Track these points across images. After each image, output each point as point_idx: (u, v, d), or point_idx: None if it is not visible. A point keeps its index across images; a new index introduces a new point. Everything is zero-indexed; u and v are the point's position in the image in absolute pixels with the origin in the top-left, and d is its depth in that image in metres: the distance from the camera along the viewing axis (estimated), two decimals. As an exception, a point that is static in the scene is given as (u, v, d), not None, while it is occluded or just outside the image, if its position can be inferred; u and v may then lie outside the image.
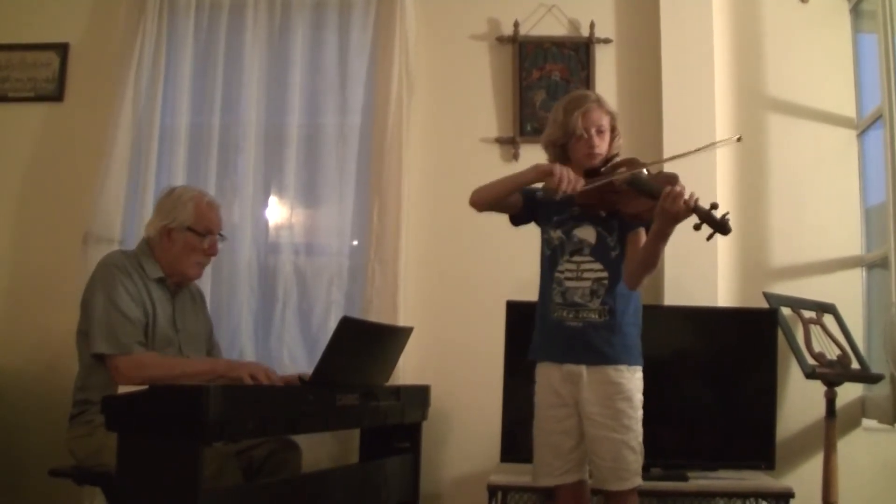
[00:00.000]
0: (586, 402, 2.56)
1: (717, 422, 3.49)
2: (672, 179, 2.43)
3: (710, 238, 2.37)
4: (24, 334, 3.95)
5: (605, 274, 2.61)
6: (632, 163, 2.57)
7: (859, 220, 3.84)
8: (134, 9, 4.02)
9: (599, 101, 2.71)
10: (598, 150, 2.66)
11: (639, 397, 2.58)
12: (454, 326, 3.89)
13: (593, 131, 2.66)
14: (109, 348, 2.79)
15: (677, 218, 2.37)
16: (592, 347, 2.58)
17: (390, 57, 3.95)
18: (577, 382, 2.58)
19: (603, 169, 2.62)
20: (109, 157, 3.88)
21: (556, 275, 2.66)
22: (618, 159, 2.65)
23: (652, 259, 2.50)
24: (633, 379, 2.58)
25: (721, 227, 2.34)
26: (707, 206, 2.35)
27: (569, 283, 2.64)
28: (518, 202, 2.76)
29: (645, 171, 2.55)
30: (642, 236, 2.58)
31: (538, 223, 2.77)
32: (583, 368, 2.57)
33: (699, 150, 2.64)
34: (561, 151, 2.74)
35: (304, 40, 4.07)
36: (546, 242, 2.73)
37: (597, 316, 2.59)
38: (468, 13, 4.12)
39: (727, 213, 2.34)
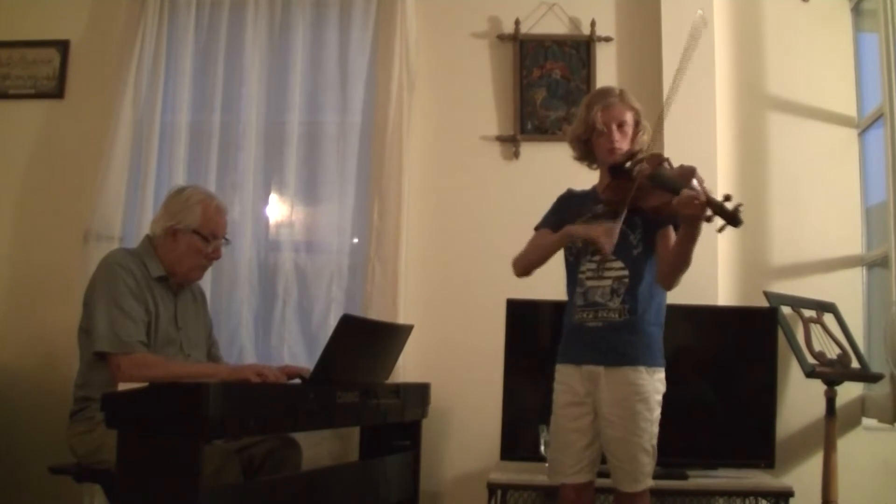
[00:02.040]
0: (603, 402, 2.55)
1: (717, 420, 3.50)
2: (690, 173, 2.42)
3: (721, 230, 2.35)
4: (25, 331, 3.95)
5: (625, 272, 2.59)
6: (654, 158, 2.55)
7: (860, 219, 3.85)
8: (134, 6, 4.02)
9: (622, 96, 2.70)
10: (618, 146, 2.64)
11: (657, 398, 2.55)
12: (454, 324, 3.89)
13: (614, 126, 2.64)
14: (111, 347, 2.79)
15: (696, 217, 2.34)
16: (612, 348, 2.55)
17: (391, 55, 3.95)
18: (595, 382, 2.57)
19: (627, 165, 2.60)
20: (110, 154, 3.88)
21: (579, 276, 2.65)
22: (641, 155, 2.61)
23: (682, 260, 2.47)
24: (651, 380, 2.55)
25: (732, 218, 2.30)
26: (720, 199, 2.32)
27: (589, 283, 2.62)
28: None
29: (667, 164, 2.54)
30: (671, 234, 2.56)
31: None
32: (601, 369, 2.56)
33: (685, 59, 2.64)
34: (585, 147, 2.75)
35: (304, 38, 4.06)
36: (569, 248, 2.71)
37: (617, 315, 2.57)
38: (469, 11, 4.12)
39: (740, 204, 2.30)
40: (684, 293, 3.58)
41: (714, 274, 3.76)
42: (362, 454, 3.39)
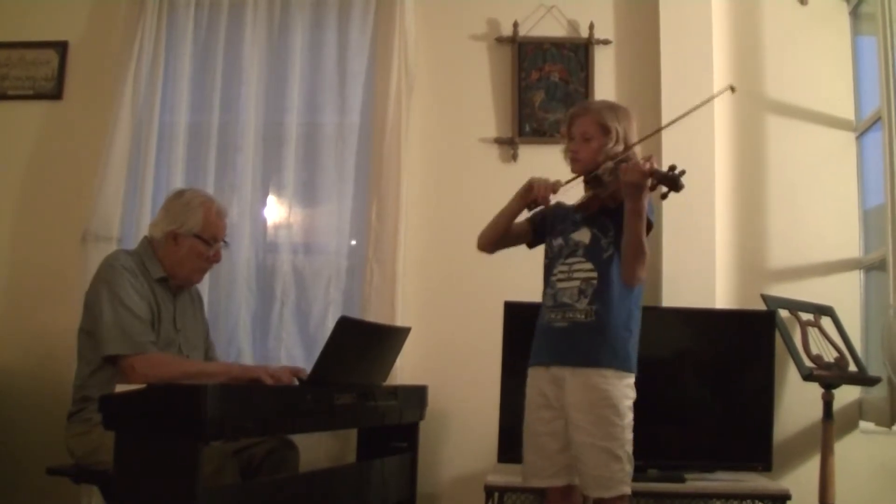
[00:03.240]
0: (571, 406, 2.55)
1: (714, 423, 3.50)
2: (643, 158, 2.47)
3: (664, 197, 2.40)
4: (23, 332, 3.94)
5: (594, 274, 2.60)
6: (618, 157, 2.60)
7: (858, 223, 3.85)
8: (133, 7, 4.02)
9: (587, 109, 2.75)
10: (575, 156, 2.71)
11: (626, 404, 2.53)
12: (452, 326, 3.89)
13: (578, 138, 2.70)
14: (124, 349, 2.78)
15: (638, 186, 2.40)
16: (576, 348, 2.56)
17: (389, 56, 3.95)
18: (562, 386, 2.57)
19: (598, 171, 2.63)
20: (108, 155, 3.88)
21: (552, 278, 2.69)
22: (611, 163, 2.63)
23: (633, 241, 2.48)
24: (619, 386, 2.53)
25: (674, 182, 2.34)
26: (665, 169, 2.37)
27: (560, 285, 2.65)
28: (527, 230, 2.83)
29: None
30: None
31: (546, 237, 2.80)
32: (567, 371, 2.56)
33: (690, 112, 2.68)
34: None
35: (303, 39, 4.06)
36: (547, 252, 2.75)
37: (583, 316, 2.58)
38: (468, 13, 4.12)
39: (683, 170, 2.33)
40: (682, 296, 3.62)
41: (712, 277, 3.76)
42: (360, 456, 3.39)
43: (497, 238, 2.82)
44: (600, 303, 2.57)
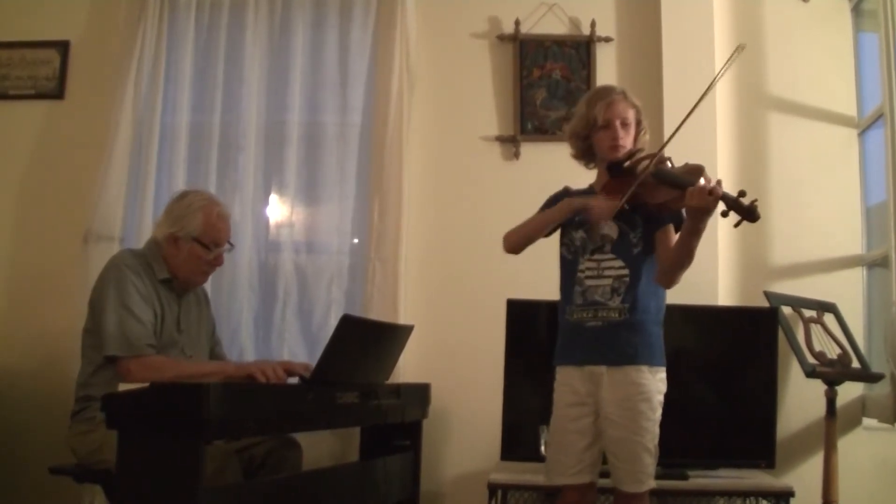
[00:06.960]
0: (605, 401, 2.54)
1: (717, 420, 3.49)
2: (698, 171, 2.40)
3: (737, 225, 2.34)
4: (25, 332, 3.94)
5: (626, 271, 2.58)
6: (655, 156, 2.53)
7: (860, 219, 3.85)
8: (135, 7, 4.02)
9: (624, 94, 2.68)
10: (622, 142, 2.63)
11: (658, 399, 2.55)
12: (455, 325, 3.89)
13: (617, 123, 2.62)
14: (122, 350, 2.78)
15: (707, 211, 2.34)
16: (613, 347, 2.54)
17: (391, 55, 3.95)
18: (597, 382, 2.55)
19: (627, 163, 2.59)
20: (110, 155, 3.88)
21: (578, 275, 2.63)
22: (641, 154, 2.61)
23: (687, 256, 2.46)
24: (654, 380, 2.54)
25: (749, 213, 2.30)
26: (734, 194, 2.32)
27: (589, 282, 2.61)
28: None
29: (669, 163, 2.53)
30: (671, 233, 2.55)
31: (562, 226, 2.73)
32: (604, 369, 2.55)
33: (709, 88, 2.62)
34: (584, 144, 2.72)
35: (304, 38, 4.06)
36: (567, 246, 2.70)
37: (617, 315, 2.56)
38: (469, 11, 4.12)
39: (755, 199, 2.30)
40: (684, 293, 3.58)
41: (714, 274, 3.76)
42: (362, 454, 3.38)
43: (527, 244, 2.73)
44: (633, 300, 2.56)
